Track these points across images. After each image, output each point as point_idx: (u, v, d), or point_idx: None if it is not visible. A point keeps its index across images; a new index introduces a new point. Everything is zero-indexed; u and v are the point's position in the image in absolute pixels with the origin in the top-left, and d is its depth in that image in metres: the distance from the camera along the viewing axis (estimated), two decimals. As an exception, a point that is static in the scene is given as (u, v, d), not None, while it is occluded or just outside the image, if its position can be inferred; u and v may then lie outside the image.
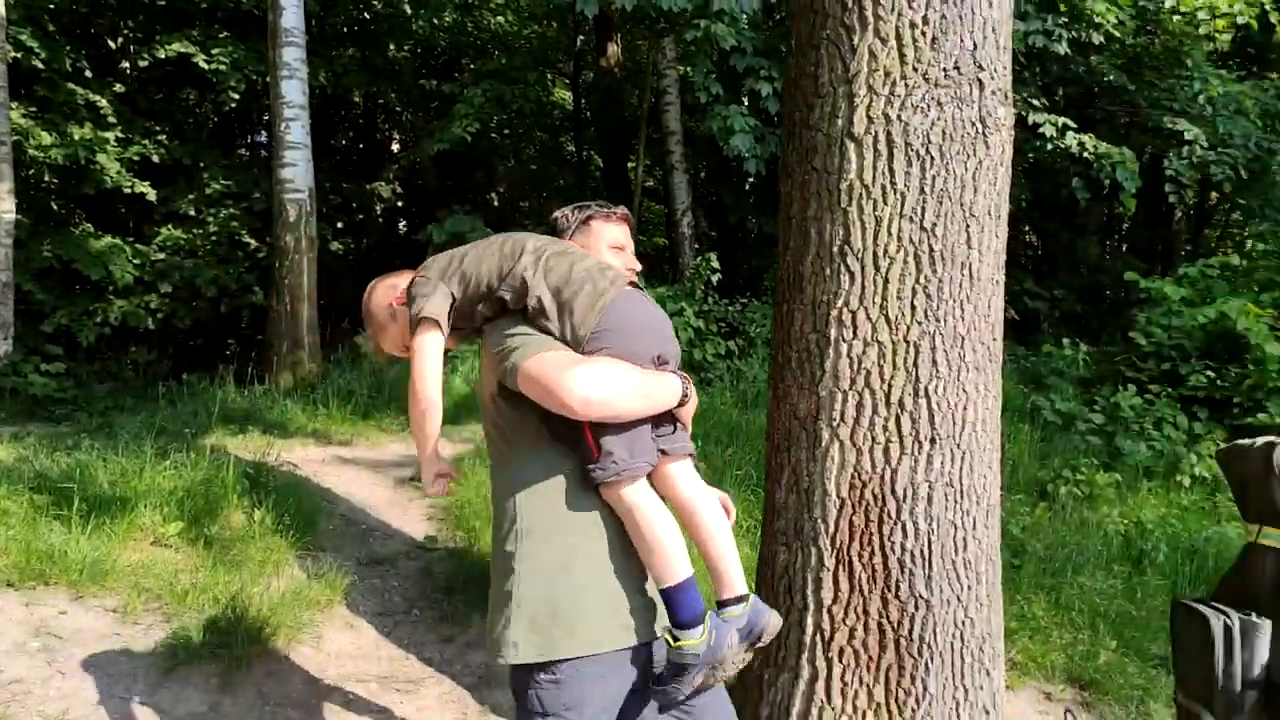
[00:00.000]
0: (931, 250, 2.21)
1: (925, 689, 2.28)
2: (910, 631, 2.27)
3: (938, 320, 2.22)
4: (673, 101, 9.98)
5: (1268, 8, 9.02)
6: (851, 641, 2.31)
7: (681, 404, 1.82)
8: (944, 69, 2.16)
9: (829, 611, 2.34)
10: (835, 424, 2.30)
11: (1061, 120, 8.86)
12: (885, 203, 2.20)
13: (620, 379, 1.69)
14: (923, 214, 2.20)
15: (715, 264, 8.71)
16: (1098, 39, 8.74)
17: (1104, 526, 5.68)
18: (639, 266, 2.01)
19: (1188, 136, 9.00)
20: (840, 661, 2.33)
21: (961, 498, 2.29)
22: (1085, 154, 8.75)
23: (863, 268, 2.24)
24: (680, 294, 8.54)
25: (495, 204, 14.89)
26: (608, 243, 2.05)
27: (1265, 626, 2.26)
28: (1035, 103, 8.98)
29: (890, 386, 2.24)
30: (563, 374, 1.64)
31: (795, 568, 2.42)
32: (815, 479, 2.35)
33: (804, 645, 2.37)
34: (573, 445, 1.75)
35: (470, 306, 1.85)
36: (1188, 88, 9.47)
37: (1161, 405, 7.43)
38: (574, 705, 1.70)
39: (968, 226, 2.22)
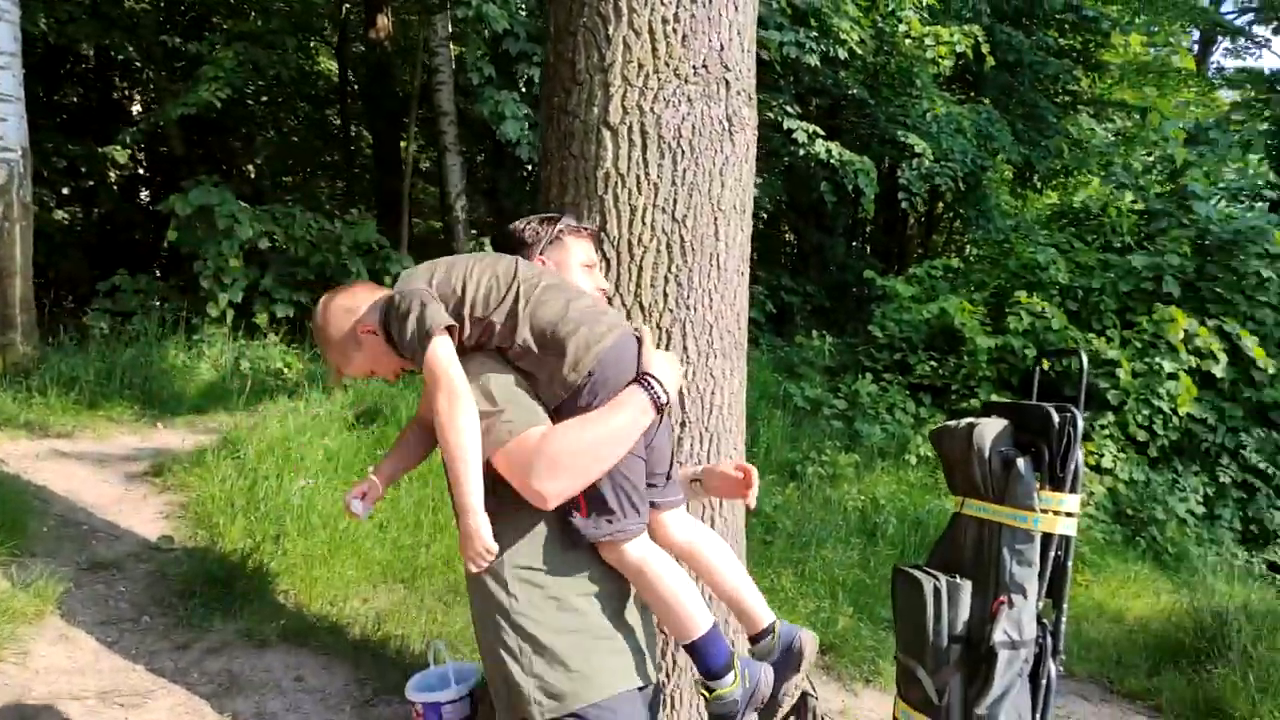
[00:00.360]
0: (683, 241, 2.29)
1: (675, 663, 2.37)
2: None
3: (688, 308, 2.31)
4: (445, 81, 9.71)
5: (980, 40, 10.20)
6: (605, 622, 2.36)
7: (660, 413, 1.66)
8: (693, 66, 2.24)
9: (584, 594, 2.37)
10: (592, 409, 2.33)
11: (812, 128, 9.54)
12: (640, 192, 2.26)
13: (583, 449, 1.55)
14: (674, 205, 2.27)
15: (490, 249, 8.59)
16: (843, 54, 9.49)
17: (844, 503, 6.21)
18: (609, 287, 1.87)
19: (917, 150, 9.99)
20: (594, 642, 2.36)
21: (709, 479, 2.39)
22: (832, 160, 9.48)
23: (619, 255, 2.28)
24: (453, 280, 8.34)
25: (253, 176, 13.82)
26: (580, 260, 1.90)
27: (966, 587, 2.53)
28: (789, 110, 9.61)
29: (644, 372, 2.29)
30: (526, 473, 1.53)
31: (552, 552, 2.43)
32: (572, 464, 2.36)
33: (559, 629, 2.39)
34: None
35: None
36: (917, 106, 10.53)
37: (893, 392, 8.24)
38: None
39: (715, 219, 2.32)
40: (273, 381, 6.89)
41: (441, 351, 1.58)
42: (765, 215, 11.73)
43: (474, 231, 10.77)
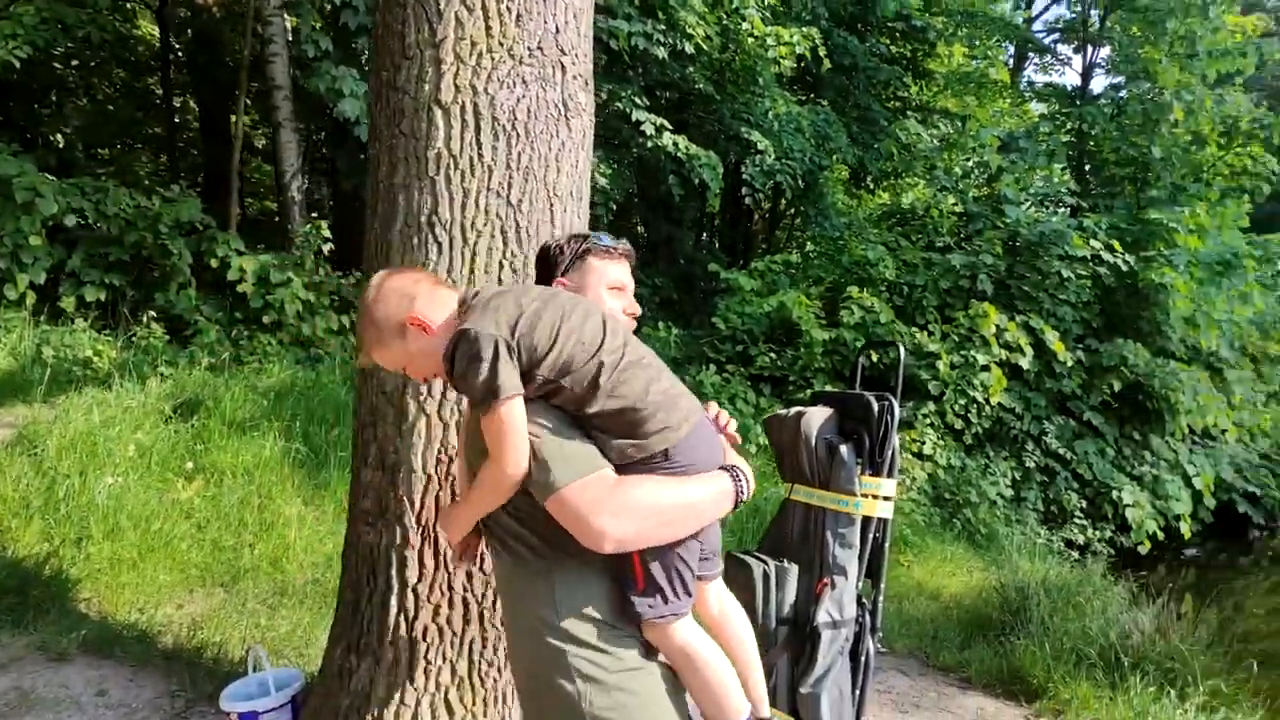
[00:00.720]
0: (518, 226, 2.24)
1: (507, 659, 2.33)
2: (494, 603, 2.31)
3: (523, 296, 2.26)
4: (279, 53, 9.15)
5: (818, 43, 10.61)
6: (436, 619, 2.29)
7: (735, 507, 1.63)
8: (529, 47, 2.19)
9: (414, 590, 2.29)
10: (423, 399, 2.26)
11: (659, 120, 9.64)
12: (473, 175, 2.19)
13: (660, 507, 1.51)
14: (509, 189, 2.22)
15: (326, 232, 8.21)
16: (690, 49, 9.64)
17: (686, 492, 6.31)
18: (639, 310, 1.78)
19: (760, 147, 10.30)
20: (424, 640, 2.29)
21: (544, 469, 2.36)
22: (680, 154, 9.62)
23: (451, 240, 2.21)
24: (288, 263, 7.90)
25: (61, 146, 12.60)
26: (607, 283, 1.80)
27: (794, 571, 2.62)
28: (638, 101, 9.67)
29: (477, 361, 2.23)
30: (594, 509, 1.46)
31: (380, 548, 2.33)
32: (401, 455, 2.28)
33: (387, 628, 2.30)
34: (618, 560, 1.54)
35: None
36: (760, 104, 10.85)
37: (736, 382, 8.46)
38: None
39: (551, 205, 2.28)
40: (80, 371, 6.31)
41: (515, 416, 1.50)
42: (615, 206, 11.78)
43: (313, 215, 10.26)
